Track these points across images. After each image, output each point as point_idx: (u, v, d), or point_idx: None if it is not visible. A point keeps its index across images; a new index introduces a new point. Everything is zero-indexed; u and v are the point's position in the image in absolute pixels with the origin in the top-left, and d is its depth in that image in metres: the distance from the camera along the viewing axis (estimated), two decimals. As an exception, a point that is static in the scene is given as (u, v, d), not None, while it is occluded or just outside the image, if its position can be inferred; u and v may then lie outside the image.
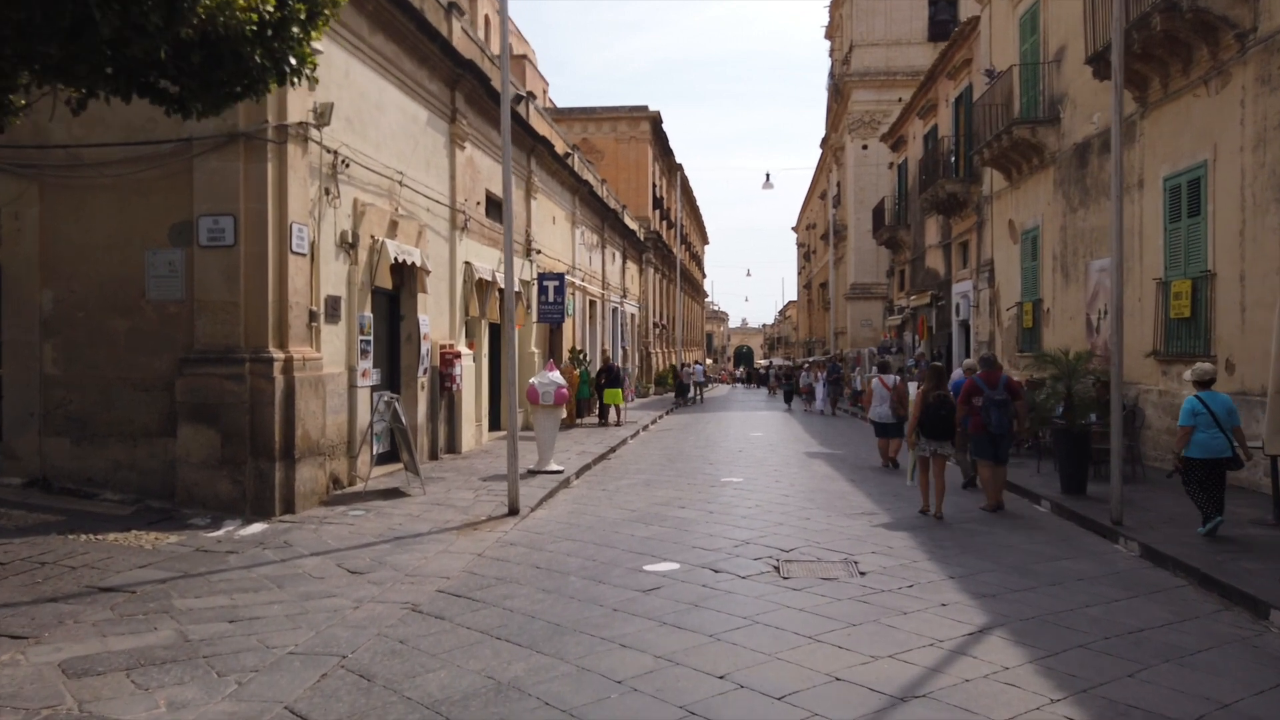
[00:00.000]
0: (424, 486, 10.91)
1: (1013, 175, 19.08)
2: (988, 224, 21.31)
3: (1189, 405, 8.12)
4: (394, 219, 12.12)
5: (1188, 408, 8.11)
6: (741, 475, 12.91)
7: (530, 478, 12.01)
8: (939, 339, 25.90)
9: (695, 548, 8.02)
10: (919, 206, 28.34)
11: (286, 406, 9.20)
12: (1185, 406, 8.17)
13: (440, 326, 14.22)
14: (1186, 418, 8.09)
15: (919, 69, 37.90)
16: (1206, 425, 7.99)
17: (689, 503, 10.50)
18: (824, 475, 12.98)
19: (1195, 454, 8.04)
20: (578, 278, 24.74)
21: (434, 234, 13.95)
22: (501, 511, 9.77)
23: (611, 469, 13.95)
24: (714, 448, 17.19)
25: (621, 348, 32.88)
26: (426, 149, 13.63)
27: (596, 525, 9.20)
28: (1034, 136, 17.07)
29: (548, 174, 21.31)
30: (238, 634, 5.70)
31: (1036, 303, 17.84)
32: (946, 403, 9.86)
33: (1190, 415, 8.07)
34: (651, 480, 12.50)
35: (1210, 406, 8.03)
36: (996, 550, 8.05)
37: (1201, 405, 8.05)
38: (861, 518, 9.57)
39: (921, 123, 28.01)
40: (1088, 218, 15.42)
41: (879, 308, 39.96)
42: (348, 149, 10.78)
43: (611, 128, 42.94)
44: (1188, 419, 8.08)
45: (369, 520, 9.17)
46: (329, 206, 10.41)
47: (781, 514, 9.70)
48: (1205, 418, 7.98)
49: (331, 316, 10.47)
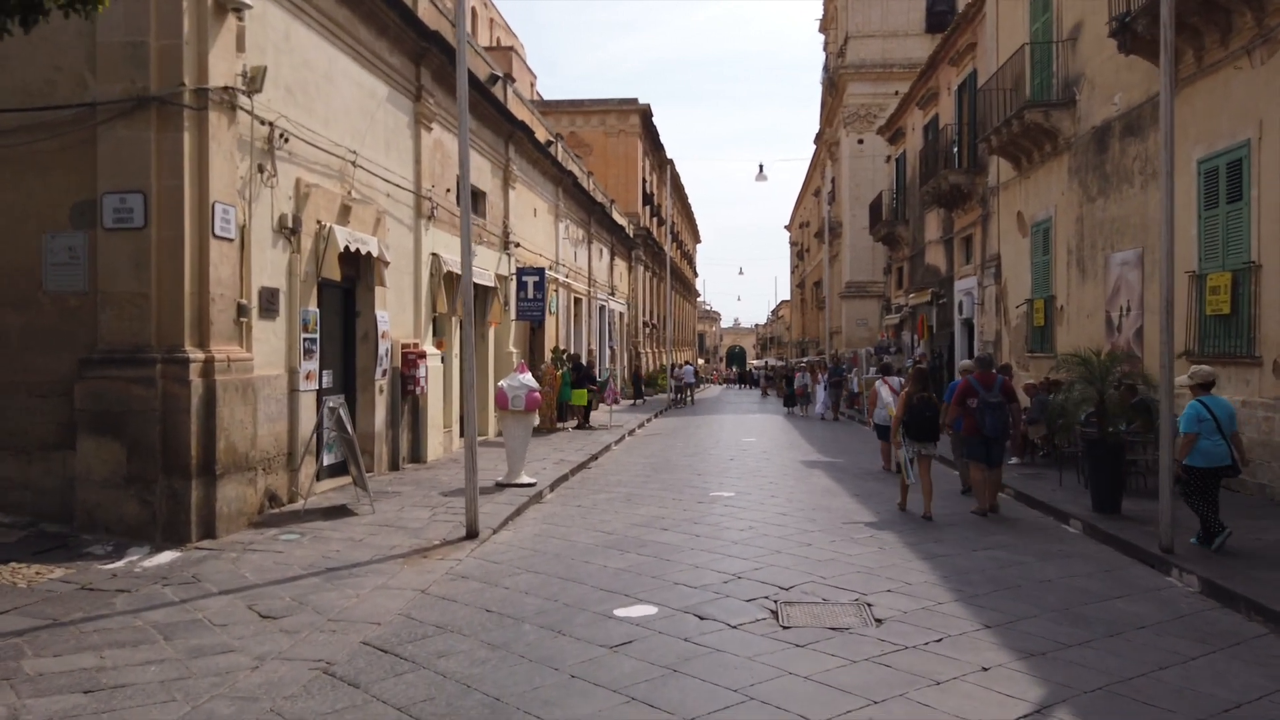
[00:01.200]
0: (374, 504, 9.66)
1: (1022, 164, 17.90)
2: (993, 217, 20.13)
3: (1192, 411, 7.66)
4: (346, 203, 10.86)
5: (1190, 414, 7.65)
6: (733, 488, 11.67)
7: (497, 492, 10.76)
8: (940, 338, 24.72)
9: (678, 584, 6.77)
10: (919, 200, 27.16)
11: (206, 414, 7.94)
12: (1188, 413, 7.69)
13: (403, 324, 12.96)
14: (1190, 424, 7.62)
15: (916, 61, 36.73)
16: (1210, 432, 7.59)
17: (673, 523, 9.26)
18: (824, 488, 11.75)
19: (1199, 463, 7.60)
20: (561, 274, 23.49)
21: (395, 222, 12.70)
22: (458, 535, 8.53)
23: (591, 480, 12.71)
24: (704, 456, 15.96)
25: (609, 347, 31.64)
26: (386, 128, 12.36)
27: (565, 553, 7.96)
28: (1047, 120, 15.89)
29: (528, 163, 20.05)
30: (87, 712, 4.45)
31: (1049, 300, 16.66)
32: (930, 404, 9.97)
33: (1194, 422, 7.61)
34: (633, 494, 11.26)
35: (1214, 412, 7.60)
36: (1033, 587, 6.83)
37: (1206, 411, 7.61)
38: (870, 541, 8.35)
39: (921, 113, 26.84)
40: (1108, 207, 14.24)
41: (875, 306, 38.82)
42: (288, 122, 9.52)
43: (600, 121, 41.68)
44: (1191, 425, 7.61)
45: (301, 546, 7.91)
46: (264, 186, 9.15)
47: (779, 537, 8.47)
48: (1209, 424, 7.58)
49: (267, 311, 9.20)
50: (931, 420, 9.84)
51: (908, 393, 10.17)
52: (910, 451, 9.82)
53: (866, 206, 37.38)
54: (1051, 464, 13.58)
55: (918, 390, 10.04)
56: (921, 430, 9.82)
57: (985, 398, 9.79)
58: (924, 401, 9.93)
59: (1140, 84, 13.11)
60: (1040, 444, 14.07)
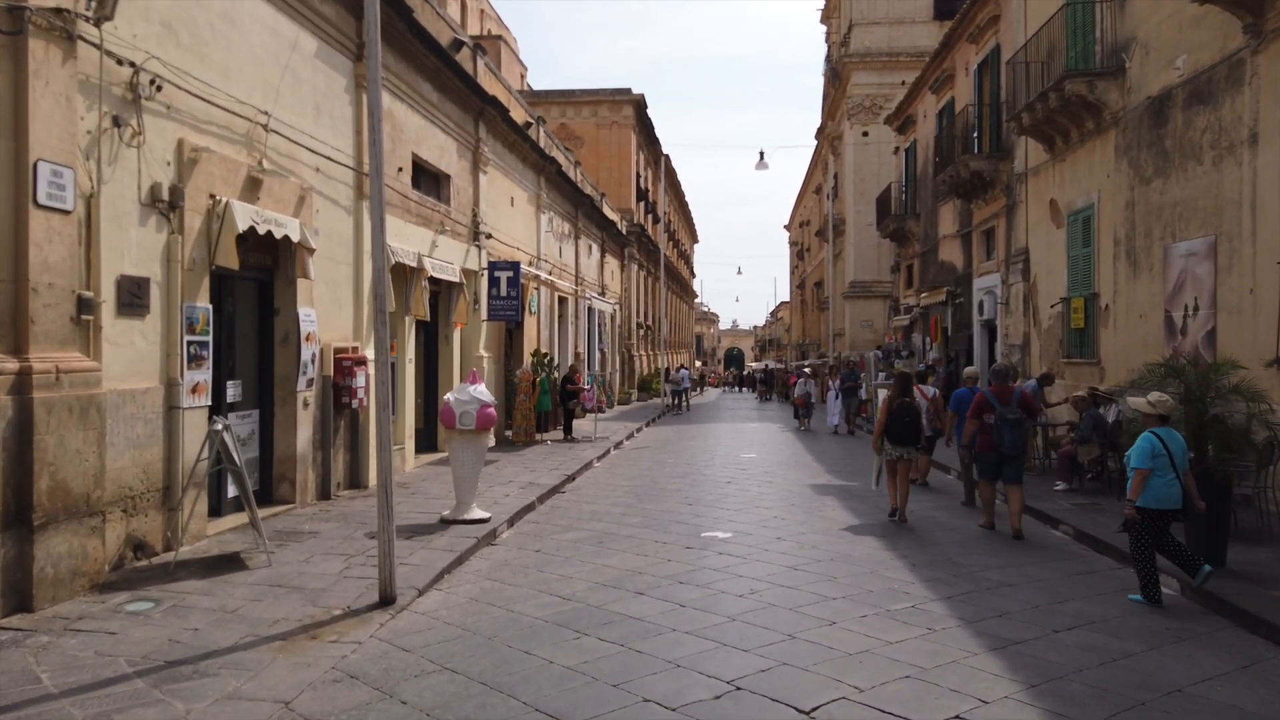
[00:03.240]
0: (271, 552, 7.60)
1: (1056, 145, 15.87)
2: (1020, 206, 18.10)
3: (1146, 444, 6.76)
4: (254, 174, 8.80)
5: (1145, 447, 6.76)
6: (730, 525, 9.59)
7: (438, 532, 8.71)
8: (956, 341, 22.68)
9: (648, 701, 4.70)
10: (932, 192, 25.15)
11: (18, 443, 5.89)
12: (1141, 446, 6.79)
13: (338, 324, 10.91)
14: (1143, 459, 6.72)
15: (924, 49, 34.82)
16: (1163, 469, 6.70)
17: (653, 582, 7.19)
18: (842, 525, 9.67)
19: (1149, 503, 6.70)
20: (544, 270, 21.44)
21: (329, 203, 10.65)
22: (370, 600, 6.49)
23: (560, 512, 10.65)
24: (697, 477, 13.89)
25: (599, 350, 29.58)
26: (316, 90, 10.32)
27: (503, 633, 5.90)
28: (1091, 92, 13.84)
29: (504, 146, 17.99)
30: None
31: (1090, 298, 14.62)
32: (910, 409, 10.16)
33: (1149, 457, 6.71)
34: (608, 534, 9.18)
35: (1169, 446, 6.73)
36: (1166, 704, 4.76)
37: (1161, 445, 6.72)
38: (914, 617, 6.27)
39: (935, 98, 24.82)
40: (1167, 189, 12.20)
41: (881, 307, 36.79)
42: (164, 67, 7.47)
43: (592, 112, 39.66)
44: (1145, 460, 6.71)
45: (148, 623, 5.86)
46: (125, 145, 7.09)
47: (791, 609, 6.39)
48: (1164, 459, 6.70)
49: (130, 307, 7.15)
50: (911, 425, 10.10)
51: (888, 398, 10.36)
52: (893, 454, 10.04)
53: (872, 202, 35.43)
54: (1105, 489, 11.57)
55: (898, 395, 10.21)
56: (902, 434, 10.05)
57: (1003, 413, 9.18)
58: (904, 406, 10.13)
59: (1211, 43, 11.08)
60: (1089, 466, 12.04)
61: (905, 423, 10.08)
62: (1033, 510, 10.27)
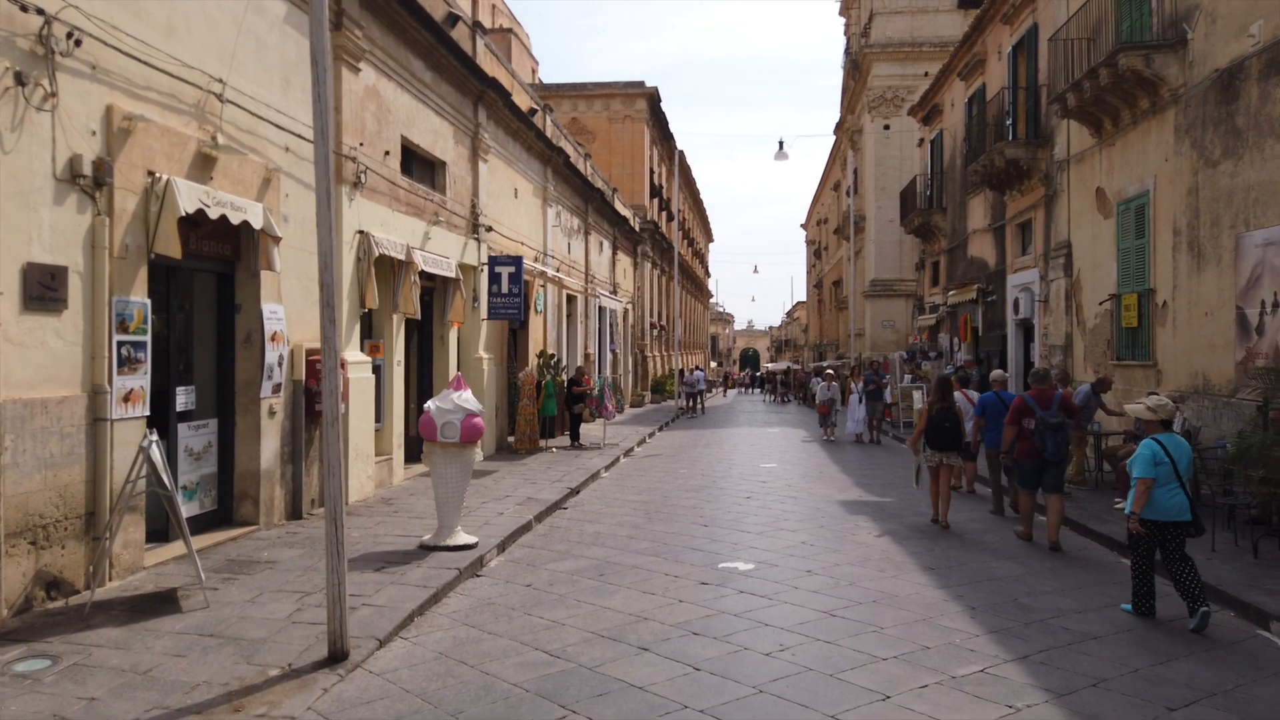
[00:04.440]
0: (208, 592, 6.45)
1: (1104, 128, 14.57)
2: (1062, 196, 16.79)
3: (1148, 451, 6.45)
4: (205, 150, 7.67)
5: (1146, 454, 6.44)
6: (752, 554, 8.35)
7: (415, 562, 7.54)
8: (988, 341, 21.36)
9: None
10: (960, 184, 23.85)
11: (-125, 470, 4.76)
12: (1143, 453, 6.47)
13: (313, 324, 9.76)
14: (1145, 468, 6.38)
15: (947, 39, 33.63)
16: (1166, 478, 6.36)
17: (660, 632, 5.98)
18: (881, 555, 8.42)
19: (1153, 515, 6.36)
20: (551, 267, 20.28)
21: (301, 187, 9.52)
22: (318, 655, 5.33)
23: (559, 534, 9.46)
24: (713, 491, 12.67)
25: (610, 351, 28.41)
26: (286, 59, 9.20)
27: (470, 710, 4.71)
28: (1148, 67, 12.54)
29: (506, 134, 16.85)
30: None
31: (1144, 294, 13.31)
32: (950, 414, 10.06)
33: (1150, 465, 6.38)
34: (610, 563, 7.98)
35: (1171, 454, 6.40)
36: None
37: (1164, 452, 6.39)
38: (991, 686, 5.04)
39: (964, 84, 23.49)
40: (1239, 172, 10.90)
41: (903, 306, 35.49)
42: (86, 19, 6.35)
43: (604, 106, 38.54)
44: (1147, 469, 6.38)
45: (31, 690, 4.72)
46: (34, 109, 5.97)
47: (831, 675, 5.16)
48: (1167, 468, 6.36)
49: (40, 300, 6.02)
50: (951, 430, 10.01)
51: (929, 403, 10.32)
52: (934, 460, 9.98)
53: (893, 197, 34.17)
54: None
55: (938, 400, 10.16)
56: (942, 440, 9.98)
57: (1045, 417, 8.72)
58: (944, 411, 10.06)
59: (1295, 4, 9.81)
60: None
61: (945, 428, 9.99)
62: (1098, 534, 9.03)
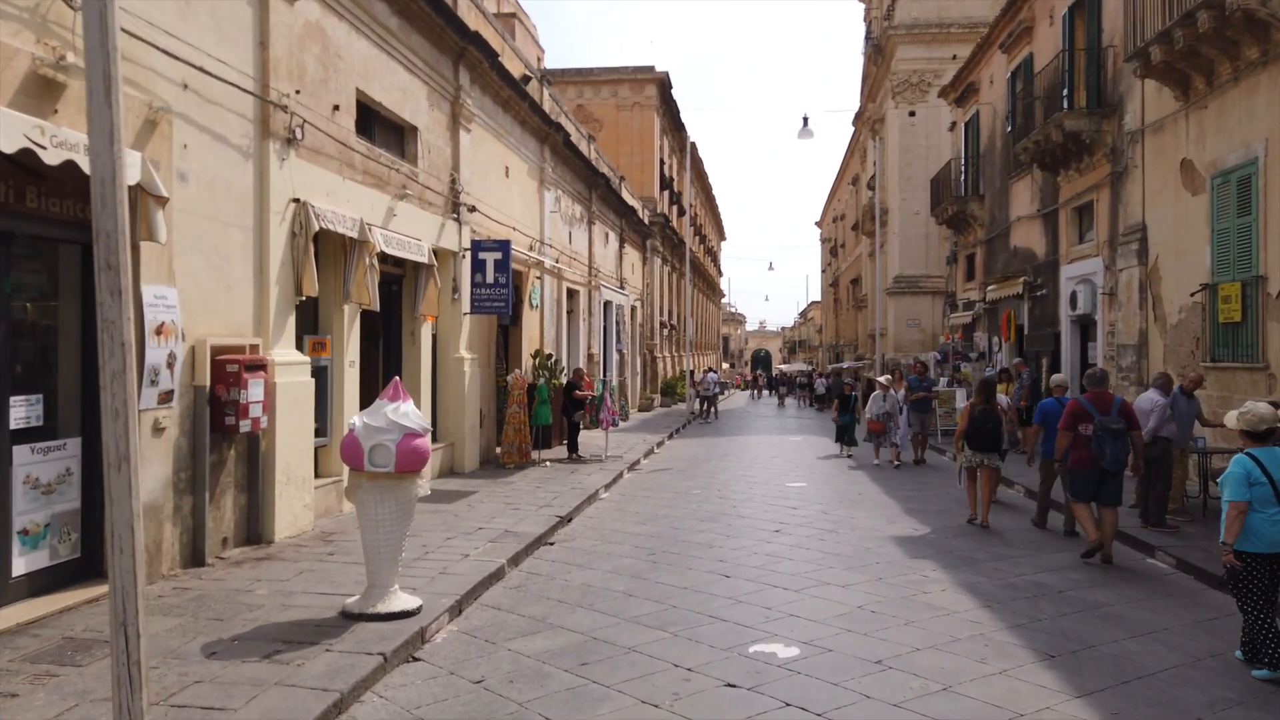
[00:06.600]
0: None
1: (1194, 88, 12.35)
2: (1134, 172, 14.55)
3: (1240, 469, 5.18)
4: (45, 72, 5.57)
5: (1239, 473, 5.17)
6: (792, 627, 6.05)
7: (332, 637, 5.40)
8: (1036, 340, 19.11)
9: None
10: (1001, 167, 21.64)
11: None
12: (1234, 471, 5.20)
13: (225, 313, 7.66)
14: (1238, 489, 5.13)
15: (977, 19, 31.42)
16: (1264, 501, 5.09)
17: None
18: (972, 625, 6.16)
19: (1251, 546, 5.11)
20: (548, 257, 18.15)
21: (208, 138, 7.41)
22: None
23: (537, 586, 7.30)
24: (733, 520, 10.48)
25: (617, 351, 26.28)
26: (183, -30, 7.08)
27: None
28: (1265, 5, 10.34)
29: (495, 103, 14.74)
30: None
31: (1250, 282, 11.08)
32: (992, 415, 10.14)
33: (1244, 485, 5.12)
34: (597, 642, 5.79)
35: (1271, 472, 5.11)
36: None
37: (1260, 470, 5.12)
38: None
39: (1005, 58, 21.26)
40: (1396, 126, 8.69)
41: (930, 304, 33.19)
42: None
43: (612, 92, 36.46)
44: (1240, 491, 5.12)
45: None
46: None
47: None
48: (1264, 489, 5.10)
49: None
50: (993, 432, 10.09)
51: (971, 404, 10.41)
52: (974, 461, 10.04)
53: (918, 188, 32.04)
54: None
55: (980, 402, 10.21)
56: (983, 441, 10.04)
57: (1104, 423, 8.20)
58: (985, 413, 10.12)
59: None
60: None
61: (986, 430, 10.09)
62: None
